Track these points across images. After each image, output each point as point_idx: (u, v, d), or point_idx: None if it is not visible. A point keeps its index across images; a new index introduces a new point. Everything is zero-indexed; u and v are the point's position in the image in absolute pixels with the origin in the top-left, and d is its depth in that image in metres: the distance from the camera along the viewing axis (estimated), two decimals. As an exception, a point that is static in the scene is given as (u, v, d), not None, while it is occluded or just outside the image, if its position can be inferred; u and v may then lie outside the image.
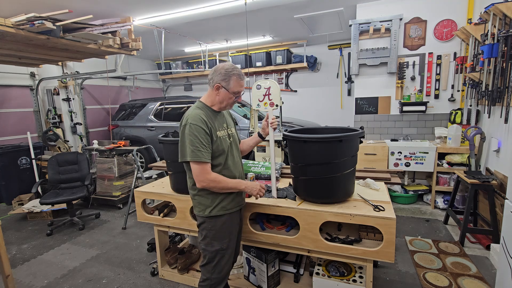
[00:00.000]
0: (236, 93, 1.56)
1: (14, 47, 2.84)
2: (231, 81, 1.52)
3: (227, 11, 3.97)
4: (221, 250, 1.57)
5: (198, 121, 1.45)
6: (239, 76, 1.54)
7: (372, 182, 2.05)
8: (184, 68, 7.11)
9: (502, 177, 2.62)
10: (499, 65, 2.49)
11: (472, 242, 2.75)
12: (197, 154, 1.43)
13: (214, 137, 1.51)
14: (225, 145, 1.56)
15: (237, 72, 1.53)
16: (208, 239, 1.57)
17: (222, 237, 1.58)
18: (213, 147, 1.50)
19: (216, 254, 1.56)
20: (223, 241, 1.57)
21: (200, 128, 1.44)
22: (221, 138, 1.55)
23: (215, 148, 1.51)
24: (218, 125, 1.58)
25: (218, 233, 1.57)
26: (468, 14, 3.54)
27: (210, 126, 1.49)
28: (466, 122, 3.60)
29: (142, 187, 2.38)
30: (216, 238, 1.57)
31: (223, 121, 1.64)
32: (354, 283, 1.84)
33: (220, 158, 1.55)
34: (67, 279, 2.47)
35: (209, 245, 1.57)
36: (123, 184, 4.21)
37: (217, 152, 1.53)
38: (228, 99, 1.56)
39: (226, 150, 1.56)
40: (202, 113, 1.50)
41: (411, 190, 3.78)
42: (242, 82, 1.55)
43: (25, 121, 5.19)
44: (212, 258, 1.57)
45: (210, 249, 1.57)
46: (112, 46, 3.01)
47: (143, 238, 3.14)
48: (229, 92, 1.53)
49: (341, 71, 6.17)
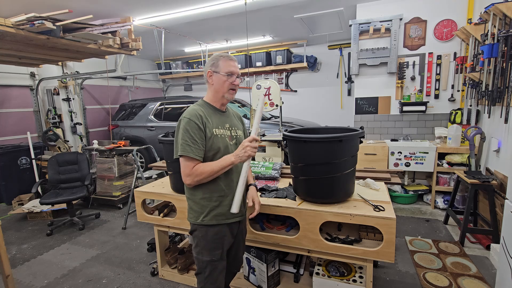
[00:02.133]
0: (228, 74, 1.44)
1: (14, 47, 2.84)
2: (219, 62, 1.45)
3: (227, 11, 3.97)
4: (212, 262, 1.46)
5: (192, 116, 1.40)
6: (227, 57, 1.46)
7: (372, 182, 2.05)
8: (184, 68, 7.11)
9: (502, 177, 2.62)
10: (499, 65, 2.49)
11: (472, 242, 2.75)
12: (185, 149, 1.36)
13: (208, 134, 1.42)
14: (221, 143, 1.46)
15: (224, 55, 1.48)
16: (199, 248, 1.48)
17: (213, 248, 1.47)
18: (207, 144, 1.42)
19: (207, 264, 1.46)
20: (214, 252, 1.47)
21: (193, 122, 1.38)
22: (217, 136, 1.46)
23: (210, 146, 1.43)
24: (218, 123, 1.49)
25: (210, 244, 1.46)
26: (468, 14, 3.54)
27: (205, 121, 1.42)
28: (466, 122, 3.60)
29: (142, 187, 2.38)
30: (207, 248, 1.47)
31: (226, 121, 1.55)
32: (354, 283, 1.84)
33: (215, 157, 1.45)
34: (67, 279, 2.47)
35: (200, 254, 1.48)
36: (123, 184, 4.21)
37: (211, 150, 1.43)
38: (222, 84, 1.45)
39: (222, 149, 1.45)
40: (200, 109, 1.45)
41: (411, 190, 3.78)
42: (232, 62, 1.46)
43: (25, 121, 5.19)
44: (203, 268, 1.47)
45: (201, 259, 1.47)
46: (112, 46, 3.01)
47: (143, 238, 3.14)
48: (220, 75, 1.44)
49: (341, 71, 6.18)
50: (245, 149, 1.35)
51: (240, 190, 1.36)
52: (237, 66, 1.49)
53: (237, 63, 1.51)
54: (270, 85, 3.27)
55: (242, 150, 1.36)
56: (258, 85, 3.31)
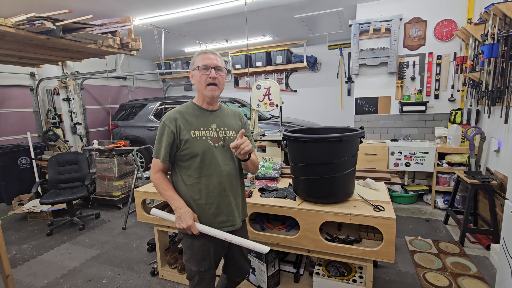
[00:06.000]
0: (203, 67, 1.35)
1: (14, 47, 2.83)
2: (195, 59, 1.40)
3: (227, 11, 3.97)
4: (200, 272, 1.41)
5: (167, 119, 1.36)
6: (203, 51, 1.40)
7: (372, 182, 2.05)
8: (184, 68, 7.11)
9: (502, 177, 2.62)
10: (499, 65, 2.49)
11: (472, 242, 2.75)
12: (157, 151, 1.38)
13: (185, 136, 1.34)
14: (200, 147, 1.35)
15: (201, 50, 1.42)
16: (187, 257, 1.44)
17: (200, 259, 1.41)
18: (183, 147, 1.35)
19: (195, 274, 1.42)
20: (202, 263, 1.41)
21: (167, 127, 1.34)
22: (196, 139, 1.36)
23: (186, 149, 1.35)
24: (200, 124, 1.39)
25: (196, 255, 1.41)
26: (468, 14, 3.54)
27: (181, 124, 1.35)
28: (466, 122, 3.60)
29: (142, 187, 2.38)
30: (194, 259, 1.41)
31: (214, 121, 1.43)
32: (354, 283, 1.84)
33: (191, 162, 1.36)
34: (67, 279, 2.47)
35: (188, 263, 1.43)
36: (123, 184, 4.21)
37: (188, 155, 1.35)
38: (199, 79, 1.37)
39: (200, 153, 1.35)
40: (180, 110, 1.40)
41: (411, 190, 3.78)
42: (206, 55, 1.37)
43: (25, 121, 5.19)
44: (192, 276, 1.44)
45: (189, 267, 1.43)
46: (112, 46, 3.01)
47: (143, 238, 3.14)
48: (196, 71, 1.38)
49: (341, 71, 6.18)
50: (183, 224, 1.31)
51: (214, 233, 1.35)
52: (214, 58, 1.38)
53: (217, 56, 1.40)
54: (270, 85, 3.27)
55: (183, 221, 1.32)
56: (258, 85, 3.31)
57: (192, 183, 1.38)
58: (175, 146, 1.37)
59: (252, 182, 2.24)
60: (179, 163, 1.40)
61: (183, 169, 1.40)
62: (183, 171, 1.40)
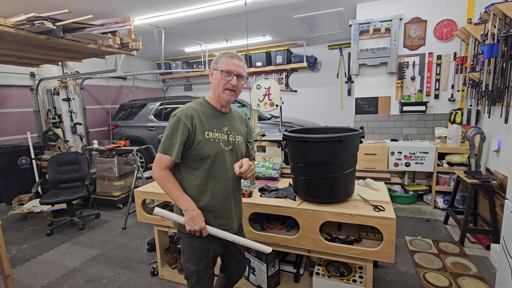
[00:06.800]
0: (226, 71, 1.32)
1: (14, 47, 2.84)
2: (220, 59, 1.35)
3: (227, 11, 3.97)
4: (198, 271, 1.41)
5: (182, 115, 1.29)
6: (230, 54, 1.36)
7: (372, 182, 2.05)
8: (184, 68, 7.12)
9: (502, 177, 2.62)
10: (499, 65, 2.49)
11: (472, 242, 2.75)
12: (167, 147, 1.29)
13: (199, 136, 1.31)
14: (212, 150, 1.33)
15: (229, 52, 1.37)
16: (185, 256, 1.42)
17: (199, 258, 1.40)
18: (195, 147, 1.31)
19: (193, 273, 1.41)
20: (200, 262, 1.40)
21: (182, 123, 1.28)
22: (210, 140, 1.33)
23: (198, 150, 1.32)
24: (214, 125, 1.37)
25: (195, 255, 1.40)
26: (468, 14, 3.54)
27: (196, 122, 1.31)
28: (466, 122, 3.60)
29: (142, 187, 2.38)
30: (193, 258, 1.40)
31: (225, 124, 1.41)
32: (354, 283, 1.84)
33: (200, 162, 1.34)
34: (67, 279, 2.47)
35: (186, 262, 1.42)
36: (123, 184, 4.21)
37: (198, 155, 1.32)
38: (218, 82, 1.34)
39: (212, 156, 1.33)
40: (194, 108, 1.35)
41: (411, 190, 3.78)
42: (233, 60, 1.33)
43: (25, 121, 5.19)
44: (190, 276, 1.43)
45: (188, 267, 1.42)
46: (112, 46, 3.01)
47: (143, 238, 3.14)
48: (218, 72, 1.34)
49: (341, 71, 6.18)
50: (193, 226, 1.30)
51: (222, 234, 1.37)
52: (239, 65, 1.35)
53: (242, 62, 1.37)
54: (270, 85, 3.27)
55: (192, 222, 1.30)
56: (258, 85, 3.31)
57: (197, 184, 1.35)
58: (188, 144, 1.31)
59: (252, 182, 2.23)
60: (187, 162, 1.35)
61: (190, 168, 1.36)
62: (190, 171, 1.36)
